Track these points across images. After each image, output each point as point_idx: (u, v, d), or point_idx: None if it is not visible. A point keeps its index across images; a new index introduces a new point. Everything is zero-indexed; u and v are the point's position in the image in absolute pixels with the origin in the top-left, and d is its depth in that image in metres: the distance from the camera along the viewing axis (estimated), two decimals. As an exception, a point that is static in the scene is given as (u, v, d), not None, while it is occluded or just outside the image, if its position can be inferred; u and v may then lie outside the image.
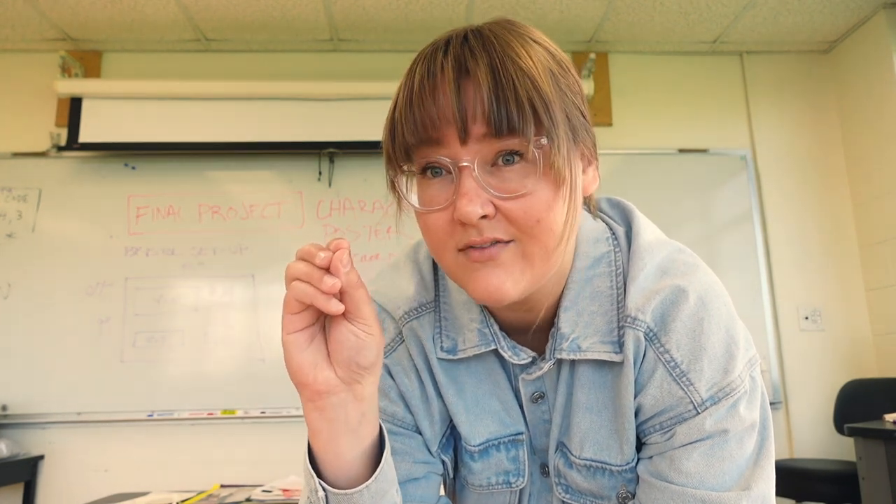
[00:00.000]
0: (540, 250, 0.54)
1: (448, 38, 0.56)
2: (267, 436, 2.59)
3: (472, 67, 0.52)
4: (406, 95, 0.55)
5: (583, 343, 0.61)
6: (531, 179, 0.53)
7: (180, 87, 2.75)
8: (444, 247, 0.56)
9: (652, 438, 0.60)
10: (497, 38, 0.54)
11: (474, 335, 0.64)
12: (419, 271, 0.70)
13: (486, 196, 0.52)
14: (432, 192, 0.55)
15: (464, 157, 0.52)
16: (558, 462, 0.65)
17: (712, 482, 0.56)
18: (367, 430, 0.56)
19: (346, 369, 0.53)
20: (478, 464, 0.68)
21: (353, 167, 2.82)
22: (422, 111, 0.53)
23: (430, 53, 0.56)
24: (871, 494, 2.02)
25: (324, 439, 0.55)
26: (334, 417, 0.54)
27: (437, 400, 0.68)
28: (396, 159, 0.56)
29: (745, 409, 0.57)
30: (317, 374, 0.53)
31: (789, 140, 3.02)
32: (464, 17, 2.77)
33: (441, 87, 0.53)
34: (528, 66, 0.52)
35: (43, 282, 2.64)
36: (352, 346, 0.53)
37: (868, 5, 2.75)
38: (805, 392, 2.77)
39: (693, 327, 0.57)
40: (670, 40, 3.00)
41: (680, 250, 0.64)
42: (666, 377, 0.58)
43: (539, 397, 0.66)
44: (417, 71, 0.55)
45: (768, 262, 2.89)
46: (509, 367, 0.67)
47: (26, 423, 2.53)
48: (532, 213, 0.53)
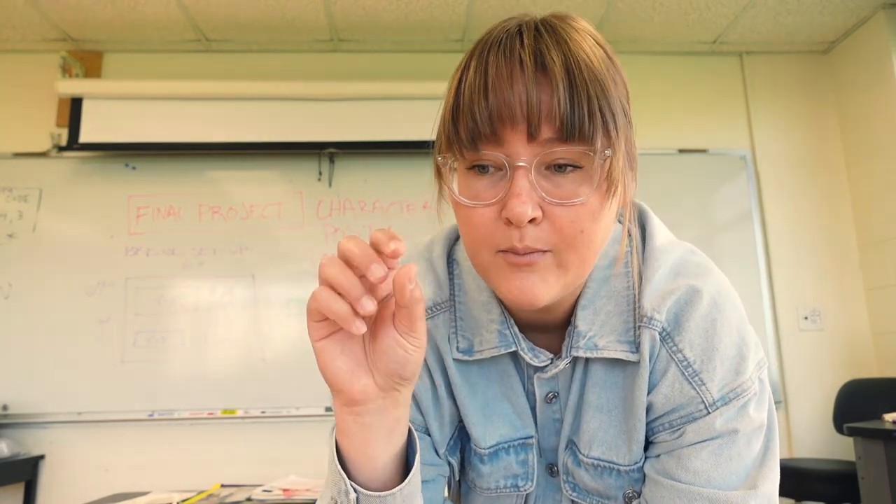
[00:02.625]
0: (576, 259, 0.54)
1: (519, 26, 0.54)
2: (267, 436, 2.59)
3: (550, 64, 0.50)
4: (480, 80, 0.51)
5: (599, 342, 0.61)
6: (586, 188, 0.51)
7: (180, 88, 2.75)
8: (483, 244, 0.54)
9: (660, 437, 0.60)
10: (568, 36, 0.52)
11: (493, 336, 0.64)
12: (433, 270, 0.69)
13: (538, 199, 0.51)
14: (479, 187, 0.53)
15: (523, 156, 0.50)
16: (567, 460, 0.65)
17: (719, 481, 0.56)
18: (398, 434, 0.55)
19: (387, 378, 0.51)
20: (486, 467, 0.67)
21: (353, 167, 2.82)
22: (499, 99, 0.50)
23: (505, 40, 0.52)
24: (870, 494, 2.02)
25: (356, 443, 0.53)
26: (370, 423, 0.52)
27: (448, 401, 0.67)
28: (460, 146, 0.53)
29: (755, 410, 0.58)
30: (354, 382, 0.50)
31: (789, 140, 3.03)
32: (464, 17, 2.77)
33: (520, 78, 0.50)
34: (599, 71, 0.51)
35: (43, 282, 2.64)
36: (398, 360, 0.50)
37: (867, 6, 2.75)
38: (804, 392, 2.77)
39: (706, 328, 0.58)
40: (670, 40, 3.00)
41: (692, 251, 0.64)
42: (678, 376, 0.58)
43: (553, 397, 0.65)
44: (491, 56, 0.52)
45: (768, 262, 2.89)
46: (523, 368, 0.66)
47: (27, 423, 2.53)
48: (578, 223, 0.52)
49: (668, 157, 2.94)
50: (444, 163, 0.55)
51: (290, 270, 2.72)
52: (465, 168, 0.54)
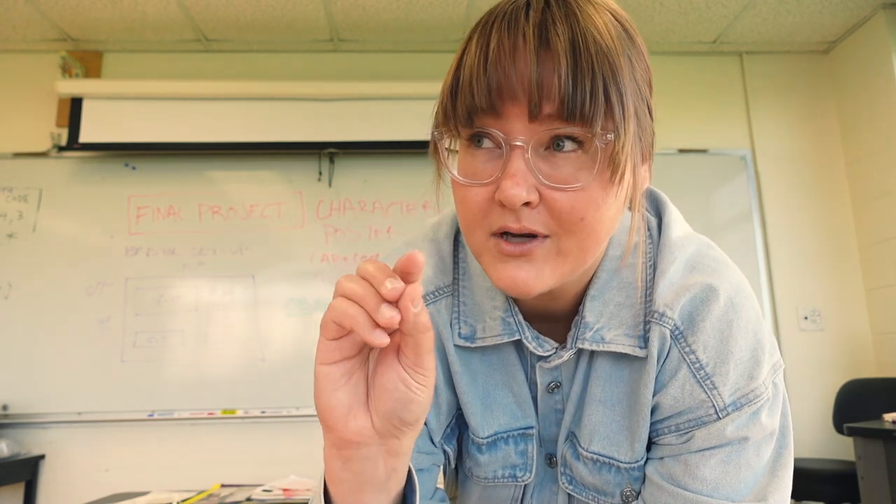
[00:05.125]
0: (576, 248, 0.51)
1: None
2: (267, 436, 2.59)
3: (553, 40, 0.47)
4: (481, 54, 0.49)
5: (606, 334, 0.58)
6: (585, 173, 0.48)
7: (180, 87, 2.75)
8: (476, 225, 0.52)
9: (666, 439, 0.58)
10: (579, 9, 0.49)
11: (497, 323, 0.61)
12: (438, 252, 0.66)
13: (534, 181, 0.48)
14: (477, 165, 0.51)
15: (520, 134, 0.48)
16: (566, 452, 0.64)
17: (727, 490, 0.54)
18: (395, 483, 0.50)
19: (386, 421, 0.46)
20: (485, 456, 0.65)
21: (353, 167, 2.82)
22: (499, 74, 0.48)
23: (510, 13, 0.50)
24: (870, 494, 2.02)
25: (344, 491, 0.49)
26: (361, 471, 0.48)
27: (446, 389, 0.65)
28: (456, 121, 0.50)
29: (767, 416, 0.56)
30: (349, 421, 0.46)
31: (789, 140, 3.03)
32: (464, 17, 2.77)
33: (522, 54, 0.47)
34: (609, 47, 0.48)
35: (43, 282, 2.64)
36: (399, 398, 0.45)
37: (867, 6, 2.75)
38: (804, 392, 2.77)
39: (722, 329, 0.55)
40: (670, 40, 3.00)
41: (709, 246, 0.62)
42: (689, 378, 0.56)
43: (555, 387, 0.63)
44: (494, 30, 0.49)
45: (768, 262, 2.89)
46: (526, 357, 0.64)
47: (27, 423, 2.53)
48: (578, 210, 0.49)
49: (668, 157, 2.94)
50: (439, 137, 0.53)
51: (290, 270, 2.71)
52: (464, 142, 0.52)
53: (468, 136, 0.51)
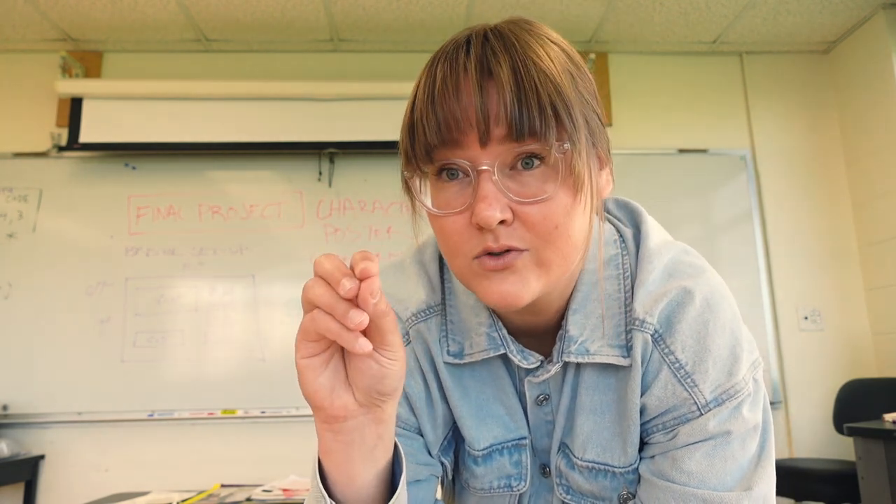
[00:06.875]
0: (556, 256, 0.54)
1: (468, 36, 0.55)
2: (267, 436, 2.59)
3: (495, 69, 0.51)
4: (427, 94, 0.53)
5: (591, 346, 0.61)
6: (551, 184, 0.52)
7: (180, 87, 2.75)
8: (458, 252, 0.54)
9: (654, 438, 0.60)
10: (518, 39, 0.53)
11: (482, 339, 0.64)
12: (426, 273, 0.69)
13: (505, 201, 0.51)
14: (448, 196, 0.54)
15: (483, 160, 0.51)
16: (560, 463, 0.65)
17: (714, 482, 0.56)
18: (382, 452, 0.54)
19: (366, 395, 0.50)
20: (481, 468, 0.67)
21: (353, 167, 2.82)
22: (444, 111, 0.51)
23: (451, 52, 0.54)
24: (870, 494, 2.02)
25: (337, 460, 0.53)
26: (350, 441, 0.52)
27: (441, 403, 0.67)
28: (416, 160, 0.54)
29: (749, 411, 0.58)
30: (333, 400, 0.50)
31: (789, 140, 3.03)
32: (464, 17, 2.77)
33: (464, 87, 0.51)
34: (550, 69, 0.51)
35: (43, 282, 2.64)
36: (374, 374, 0.49)
37: (867, 6, 2.76)
38: (804, 392, 2.77)
39: (698, 329, 0.58)
40: (670, 40, 3.00)
41: (686, 251, 0.64)
42: (670, 378, 0.58)
43: (544, 399, 0.66)
44: (439, 69, 0.53)
45: (768, 262, 2.89)
46: (514, 370, 0.66)
47: (27, 423, 2.53)
48: (551, 219, 0.52)
49: (668, 157, 2.94)
50: (409, 177, 0.56)
51: (290, 270, 2.71)
52: (433, 177, 0.55)
53: (435, 172, 0.54)
